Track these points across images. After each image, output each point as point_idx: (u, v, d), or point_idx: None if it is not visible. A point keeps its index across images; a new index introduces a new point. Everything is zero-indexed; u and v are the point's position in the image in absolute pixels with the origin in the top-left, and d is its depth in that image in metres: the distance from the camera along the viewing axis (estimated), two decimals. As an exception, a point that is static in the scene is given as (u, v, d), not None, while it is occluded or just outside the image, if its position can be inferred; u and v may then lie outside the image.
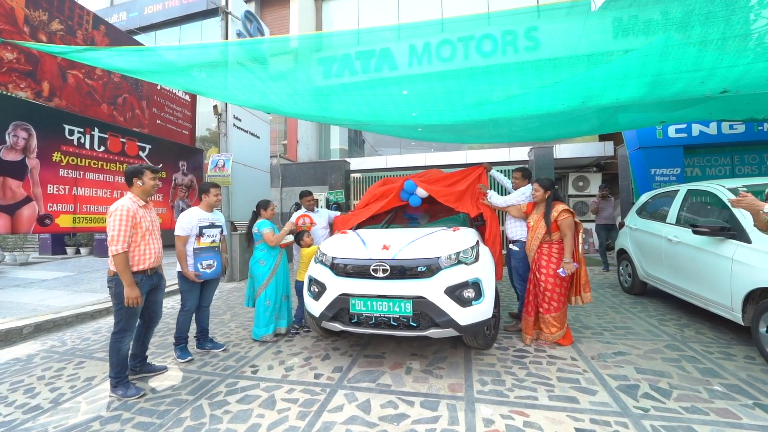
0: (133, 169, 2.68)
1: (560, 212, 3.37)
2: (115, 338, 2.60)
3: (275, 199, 9.65)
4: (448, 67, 2.72)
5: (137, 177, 2.67)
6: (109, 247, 2.47)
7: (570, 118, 5.14)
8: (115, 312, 2.58)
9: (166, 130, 6.46)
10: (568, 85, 3.02)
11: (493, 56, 2.70)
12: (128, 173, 2.67)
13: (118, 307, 2.55)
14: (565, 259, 3.26)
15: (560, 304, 3.33)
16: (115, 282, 2.51)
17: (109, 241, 2.46)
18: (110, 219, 2.46)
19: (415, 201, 4.07)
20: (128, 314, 2.57)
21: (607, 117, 5.14)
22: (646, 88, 2.97)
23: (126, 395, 2.61)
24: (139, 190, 2.67)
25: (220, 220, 3.56)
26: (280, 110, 4.38)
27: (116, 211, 2.46)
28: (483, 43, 2.55)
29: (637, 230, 4.91)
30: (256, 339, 3.76)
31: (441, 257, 2.84)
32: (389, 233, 3.45)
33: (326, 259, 3.14)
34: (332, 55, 2.98)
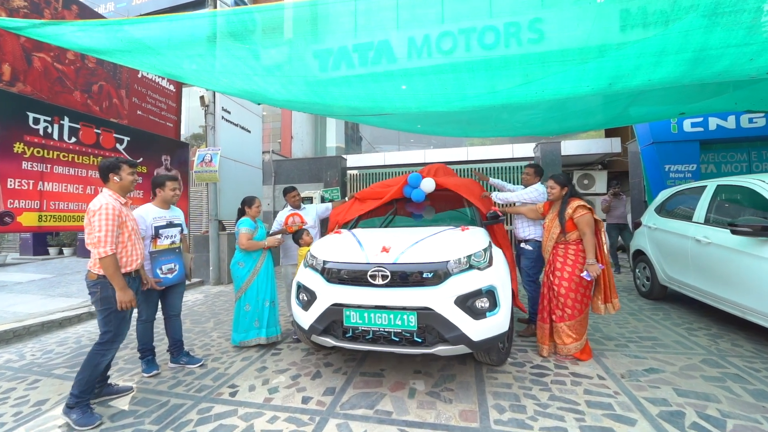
0: (108, 164, 2.41)
1: (575, 208, 3.01)
2: (99, 349, 2.30)
3: (267, 196, 9.22)
4: (448, 60, 2.54)
5: (113, 172, 2.41)
6: (94, 249, 2.22)
7: (579, 110, 4.81)
8: (102, 320, 2.30)
9: (147, 122, 6.01)
10: (596, 64, 2.63)
11: (495, 49, 2.47)
12: (103, 168, 2.40)
13: (106, 314, 2.29)
14: (588, 261, 2.90)
15: (576, 312, 2.96)
16: (100, 286, 2.27)
17: (95, 243, 2.21)
18: (95, 218, 2.22)
19: (418, 195, 3.64)
20: (119, 320, 2.33)
21: (621, 108, 4.79)
22: (685, 66, 2.57)
23: (80, 423, 2.19)
24: (116, 186, 2.42)
25: (179, 218, 3.18)
26: (272, 98, 3.95)
27: (101, 210, 2.23)
28: (485, 35, 2.38)
29: (657, 230, 4.54)
30: (234, 344, 3.47)
31: (450, 261, 2.43)
32: (389, 233, 3.04)
33: (317, 263, 2.73)
34: (329, 47, 2.80)
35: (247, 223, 3.66)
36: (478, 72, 2.78)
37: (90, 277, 2.31)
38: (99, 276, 2.28)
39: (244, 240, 3.51)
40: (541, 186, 3.69)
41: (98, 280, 2.28)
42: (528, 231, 3.65)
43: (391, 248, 2.55)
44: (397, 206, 3.87)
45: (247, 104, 7.86)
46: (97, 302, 2.29)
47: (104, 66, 5.22)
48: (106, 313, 2.29)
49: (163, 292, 3.01)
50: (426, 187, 3.66)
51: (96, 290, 2.29)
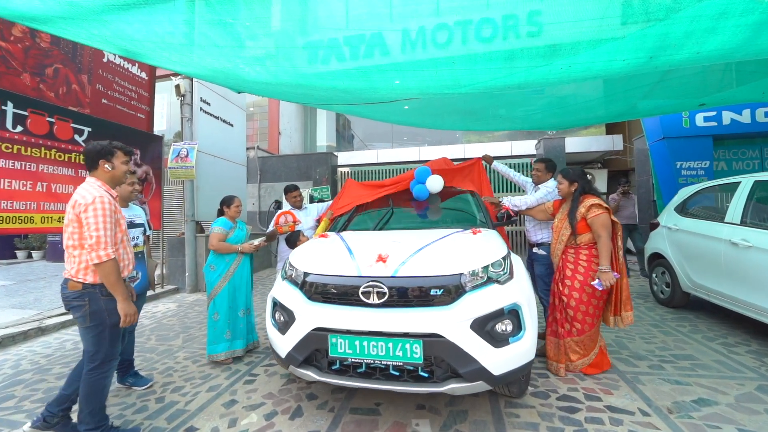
0: (100, 148, 1.99)
1: (589, 207, 2.61)
2: (97, 375, 1.91)
3: (252, 195, 8.62)
4: (444, 53, 2.38)
5: (105, 158, 1.99)
6: (90, 252, 1.82)
7: (582, 103, 4.40)
8: (92, 339, 1.90)
9: (114, 112, 5.39)
10: (638, 33, 2.16)
11: (493, 42, 2.26)
12: (92, 152, 1.98)
13: (97, 331, 1.89)
14: (601, 267, 2.51)
15: (586, 326, 2.60)
16: (88, 297, 1.87)
17: (91, 245, 1.81)
18: (88, 214, 1.82)
19: (420, 192, 3.11)
20: (114, 338, 1.96)
21: (633, 102, 4.39)
22: (746, 32, 2.11)
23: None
24: (106, 175, 2.01)
25: (140, 217, 2.81)
26: (253, 80, 3.42)
27: (96, 204, 1.83)
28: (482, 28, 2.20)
29: (680, 231, 4.11)
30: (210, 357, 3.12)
31: (464, 274, 1.93)
32: (386, 237, 2.52)
33: (296, 274, 2.20)
34: (319, 39, 2.59)
35: (222, 223, 3.24)
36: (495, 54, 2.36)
37: (72, 287, 1.87)
38: (86, 285, 1.86)
39: (214, 240, 3.13)
40: (553, 184, 3.26)
41: (85, 291, 1.86)
42: (542, 234, 3.24)
43: (389, 257, 2.04)
44: (394, 201, 3.36)
45: (229, 96, 7.28)
46: (84, 318, 1.87)
47: (60, 46, 4.60)
48: (98, 330, 1.88)
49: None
50: (432, 185, 3.14)
51: (82, 303, 1.86)
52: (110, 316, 1.90)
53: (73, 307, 1.88)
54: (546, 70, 2.55)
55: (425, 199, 3.16)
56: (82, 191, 1.88)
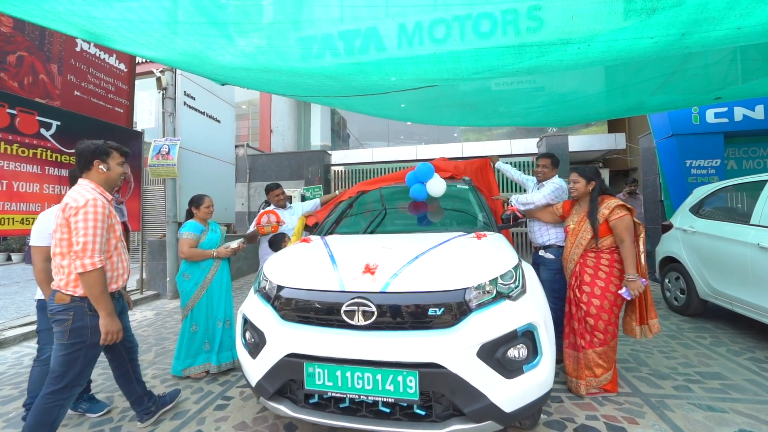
0: (94, 147, 1.86)
1: (613, 209, 2.38)
2: (54, 400, 1.69)
3: (242, 195, 8.25)
4: (442, 49, 2.29)
5: (100, 159, 1.86)
6: (76, 260, 1.66)
7: (588, 98, 4.13)
8: (63, 358, 1.70)
9: (88, 105, 5.02)
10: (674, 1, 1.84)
11: (492, 37, 2.16)
12: (86, 152, 1.84)
13: (73, 350, 1.71)
14: (627, 275, 2.28)
15: (609, 336, 2.34)
16: (74, 312, 1.71)
17: (78, 251, 1.66)
18: (78, 218, 1.68)
19: (419, 192, 2.76)
20: (89, 359, 1.77)
21: (640, 98, 4.12)
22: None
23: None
24: (100, 177, 1.87)
25: None
26: (231, 67, 3.09)
27: (88, 207, 1.69)
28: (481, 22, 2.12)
29: (697, 234, 3.80)
30: (176, 374, 2.81)
31: (469, 289, 1.59)
32: (376, 243, 2.18)
33: (269, 287, 1.86)
34: (312, 34, 2.51)
35: (191, 227, 2.89)
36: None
37: (59, 299, 1.71)
38: (74, 299, 1.71)
39: (184, 247, 2.80)
40: (561, 181, 3.00)
41: (71, 305, 1.71)
42: (548, 235, 2.95)
43: (379, 267, 1.70)
44: (387, 201, 3.02)
45: (216, 90, 6.93)
46: (64, 334, 1.70)
47: (25, 32, 4.23)
48: (74, 348, 1.71)
49: None
50: (434, 188, 2.78)
51: (66, 318, 1.69)
52: (92, 335, 1.74)
53: (56, 320, 1.72)
54: (561, 51, 2.23)
55: (422, 200, 2.81)
56: (74, 194, 1.73)
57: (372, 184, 3.47)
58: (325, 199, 3.99)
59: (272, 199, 3.65)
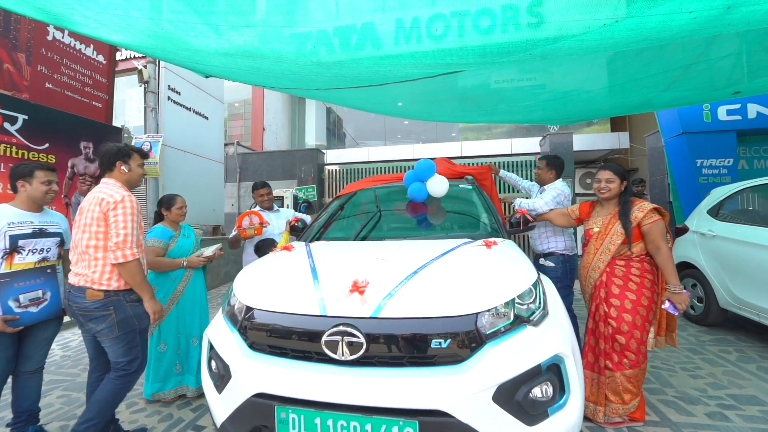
0: (116, 149, 1.94)
1: (647, 212, 2.11)
2: (127, 381, 1.85)
3: (231, 196, 7.90)
4: (439, 45, 2.24)
5: (122, 160, 1.94)
6: (117, 252, 1.74)
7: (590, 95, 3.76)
8: (125, 347, 1.82)
9: (62, 99, 4.67)
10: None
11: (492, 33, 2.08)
12: (109, 153, 1.93)
13: (129, 338, 1.83)
14: (671, 287, 2.02)
15: (641, 357, 2.06)
16: (113, 306, 1.78)
17: (118, 243, 1.74)
18: (117, 212, 1.77)
19: (418, 192, 2.42)
20: (143, 343, 1.95)
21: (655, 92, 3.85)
22: None
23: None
24: (123, 177, 1.95)
25: (57, 224, 2.17)
26: (206, 52, 2.79)
27: (126, 203, 1.80)
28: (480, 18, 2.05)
29: (717, 238, 3.52)
30: (147, 398, 2.51)
31: (482, 313, 1.28)
32: (368, 252, 1.86)
33: (237, 308, 1.53)
34: (307, 30, 2.40)
35: (158, 233, 2.53)
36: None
37: (92, 296, 1.74)
38: (108, 293, 1.77)
39: (149, 256, 2.41)
40: (563, 186, 2.83)
41: (108, 300, 1.77)
42: (549, 242, 2.80)
43: (369, 285, 1.37)
44: (382, 202, 2.70)
45: (204, 86, 6.60)
46: (112, 328, 1.77)
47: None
48: (129, 337, 1.83)
49: (19, 335, 1.97)
50: (435, 187, 2.46)
51: (107, 313, 1.76)
52: (140, 322, 1.86)
53: (94, 318, 1.76)
54: (582, 30, 1.93)
55: (422, 201, 2.49)
56: (107, 190, 1.80)
57: (365, 183, 3.16)
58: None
59: (257, 199, 3.33)
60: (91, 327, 1.78)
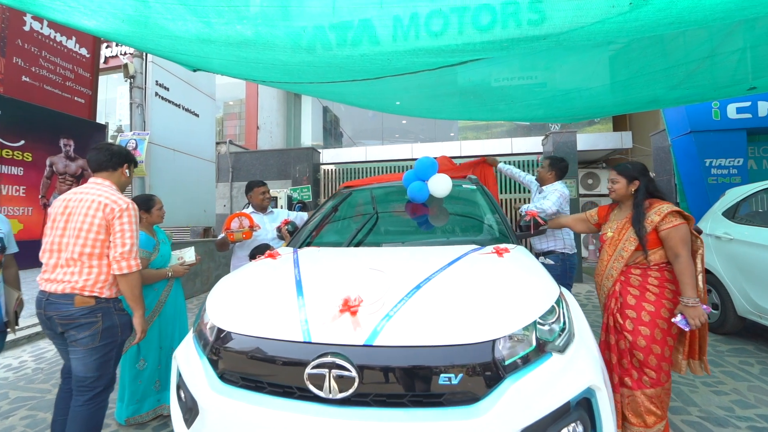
0: (127, 152, 1.92)
1: (665, 216, 1.88)
2: (98, 403, 1.70)
3: (224, 196, 7.65)
4: (438, 43, 2.17)
5: (130, 164, 1.91)
6: (122, 262, 1.66)
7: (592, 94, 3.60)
8: (97, 361, 1.67)
9: (40, 94, 4.42)
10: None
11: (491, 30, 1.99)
12: (122, 153, 1.88)
13: (106, 351, 1.69)
14: (685, 300, 1.78)
15: (663, 374, 1.85)
16: (102, 313, 1.68)
17: (124, 253, 1.66)
18: (123, 219, 1.69)
19: (419, 192, 2.17)
20: (117, 359, 1.79)
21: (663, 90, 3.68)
22: None
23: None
24: (121, 180, 1.88)
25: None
26: (180, 38, 2.56)
27: (131, 210, 1.73)
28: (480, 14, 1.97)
29: (734, 242, 3.32)
30: (120, 422, 2.26)
31: (500, 340, 1.05)
32: (363, 261, 1.63)
33: (208, 328, 1.30)
34: (303, 25, 2.28)
35: (142, 242, 2.24)
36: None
37: (81, 303, 1.66)
38: (99, 300, 1.69)
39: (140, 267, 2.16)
40: (563, 187, 2.73)
41: (98, 306, 1.69)
42: (549, 241, 2.72)
43: (364, 304, 1.14)
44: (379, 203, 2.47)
45: (194, 82, 6.35)
46: (94, 337, 1.67)
47: (-43, 6, 3.63)
48: (107, 349, 1.72)
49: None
50: (437, 187, 2.22)
51: (94, 320, 1.68)
52: (122, 333, 1.77)
53: (79, 325, 1.66)
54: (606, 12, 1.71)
55: (423, 202, 2.26)
56: (108, 194, 1.71)
57: (372, 181, 2.96)
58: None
59: (255, 199, 3.06)
60: (72, 334, 1.67)
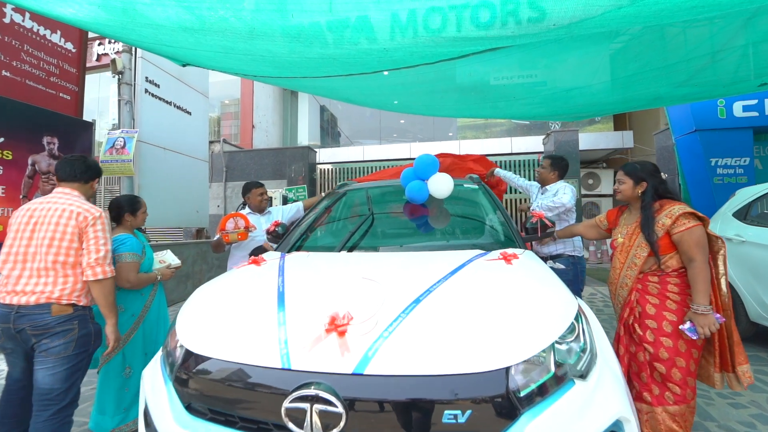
0: (99, 167, 1.94)
1: (677, 218, 1.75)
2: (64, 416, 1.64)
3: (217, 196, 7.47)
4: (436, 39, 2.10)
5: (98, 177, 1.94)
6: (97, 268, 1.66)
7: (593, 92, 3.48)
8: (67, 372, 1.63)
9: (22, 89, 4.22)
10: None
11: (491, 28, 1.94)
12: (95, 167, 1.90)
13: (77, 360, 1.66)
14: (695, 307, 1.66)
15: (688, 390, 1.70)
16: (78, 321, 1.66)
17: (97, 258, 1.67)
18: (97, 227, 1.71)
19: (418, 192, 1.98)
20: (85, 369, 1.76)
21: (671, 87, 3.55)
22: None
23: None
24: (88, 193, 1.87)
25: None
26: (160, 26, 2.41)
27: (102, 219, 1.74)
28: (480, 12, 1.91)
29: (747, 244, 3.19)
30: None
31: (514, 367, 0.89)
32: (354, 269, 1.47)
33: (177, 348, 1.13)
34: (299, 23, 2.20)
35: (132, 245, 2.11)
36: None
37: (58, 311, 1.61)
38: (77, 307, 1.66)
39: (131, 274, 2.06)
40: (563, 187, 2.64)
41: (76, 314, 1.66)
42: (557, 243, 2.57)
43: (354, 322, 0.98)
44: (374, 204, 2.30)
45: (186, 78, 6.17)
46: (68, 345, 1.62)
47: (-69, -5, 3.44)
48: (78, 360, 1.67)
49: None
50: (438, 187, 2.04)
51: (69, 328, 1.63)
52: (95, 342, 1.76)
53: (54, 333, 1.64)
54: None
55: (422, 203, 2.09)
56: (78, 203, 1.73)
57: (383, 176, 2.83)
58: (309, 203, 3.35)
59: (253, 200, 3.01)
60: (44, 344, 1.62)
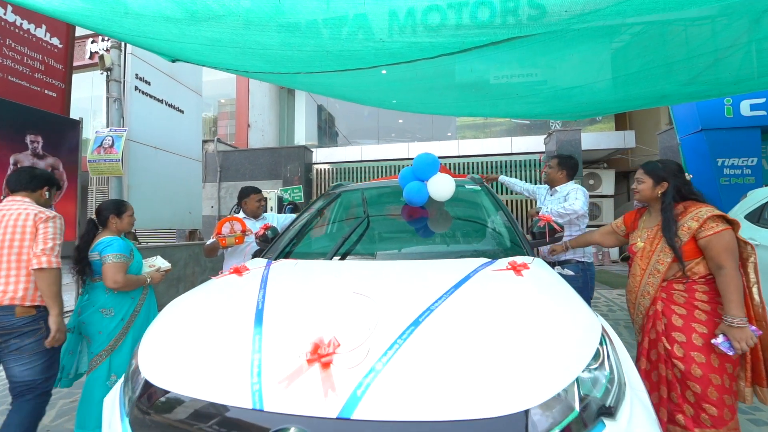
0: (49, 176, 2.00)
1: (704, 221, 1.60)
2: (45, 399, 1.83)
3: (211, 197, 7.29)
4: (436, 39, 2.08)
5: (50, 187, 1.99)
6: (42, 257, 1.71)
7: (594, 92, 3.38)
8: (46, 363, 1.80)
9: (4, 85, 4.05)
10: None
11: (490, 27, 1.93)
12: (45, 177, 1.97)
13: (52, 353, 1.83)
14: (728, 318, 1.52)
15: (725, 411, 1.54)
16: (44, 320, 1.77)
17: (44, 249, 1.73)
18: (48, 224, 1.79)
19: (417, 194, 1.82)
20: (59, 358, 1.93)
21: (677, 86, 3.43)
22: None
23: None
24: (40, 201, 1.92)
25: None
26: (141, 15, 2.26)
27: (57, 221, 1.85)
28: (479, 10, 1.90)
29: (761, 247, 3.05)
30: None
31: (534, 410, 0.73)
32: (345, 280, 1.31)
33: (135, 378, 0.97)
34: (295, 21, 2.16)
35: (119, 246, 2.07)
36: None
37: (23, 313, 1.69)
38: (39, 308, 1.76)
39: (119, 275, 2.00)
40: (573, 188, 2.52)
41: (40, 314, 1.76)
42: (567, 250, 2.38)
43: (341, 350, 0.82)
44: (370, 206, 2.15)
45: (178, 75, 6.01)
46: (39, 342, 1.74)
47: None
48: (54, 351, 1.83)
49: None
50: (439, 189, 1.88)
51: (37, 327, 1.75)
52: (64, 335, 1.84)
53: (23, 333, 1.73)
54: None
55: (421, 205, 1.93)
56: (34, 207, 1.82)
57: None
58: None
59: (250, 206, 2.94)
60: (14, 343, 1.71)
